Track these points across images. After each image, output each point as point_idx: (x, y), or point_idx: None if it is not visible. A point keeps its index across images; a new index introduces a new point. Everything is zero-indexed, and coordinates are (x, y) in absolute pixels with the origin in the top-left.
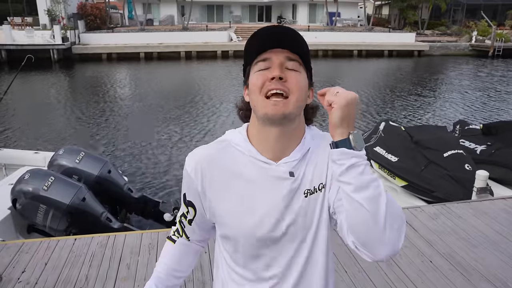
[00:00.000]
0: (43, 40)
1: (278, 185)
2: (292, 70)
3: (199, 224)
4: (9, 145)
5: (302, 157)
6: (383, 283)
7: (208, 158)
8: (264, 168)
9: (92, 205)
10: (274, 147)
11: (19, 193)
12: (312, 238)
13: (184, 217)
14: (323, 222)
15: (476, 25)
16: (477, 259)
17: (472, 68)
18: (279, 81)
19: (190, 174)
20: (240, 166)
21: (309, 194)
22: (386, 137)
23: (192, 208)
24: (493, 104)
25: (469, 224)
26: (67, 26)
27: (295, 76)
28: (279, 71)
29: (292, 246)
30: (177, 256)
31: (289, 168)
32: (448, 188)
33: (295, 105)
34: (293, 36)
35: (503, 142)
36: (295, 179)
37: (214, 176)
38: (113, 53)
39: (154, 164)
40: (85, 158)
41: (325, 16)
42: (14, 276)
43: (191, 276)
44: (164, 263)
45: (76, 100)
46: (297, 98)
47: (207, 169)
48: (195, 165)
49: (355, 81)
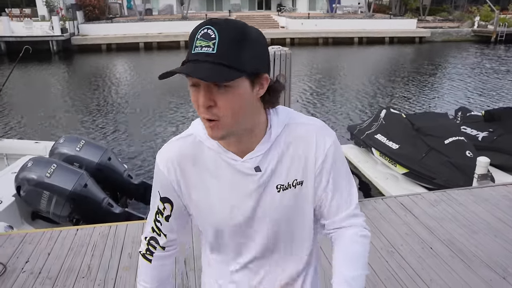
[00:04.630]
0: (42, 32)
1: (246, 180)
2: (222, 89)
3: (177, 219)
4: (10, 136)
5: (270, 148)
6: (384, 271)
7: (178, 154)
8: (231, 164)
9: (94, 191)
10: (237, 145)
11: (23, 180)
12: (289, 231)
13: (160, 215)
14: (302, 216)
15: (478, 10)
16: (477, 246)
17: (474, 54)
18: (207, 109)
19: (163, 171)
20: (208, 161)
21: (282, 189)
22: (387, 124)
23: (168, 204)
24: (495, 91)
25: (470, 210)
26: (65, 17)
27: (225, 98)
28: (204, 100)
29: (265, 236)
30: (157, 275)
31: (254, 163)
32: (449, 175)
33: (232, 124)
34: (223, 44)
35: (505, 129)
36: (263, 173)
37: (186, 171)
38: (113, 44)
39: (153, 152)
40: (86, 146)
41: (325, 3)
42: (18, 266)
43: (193, 265)
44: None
45: (76, 91)
46: (232, 118)
47: (178, 165)
48: (166, 162)
49: (356, 69)
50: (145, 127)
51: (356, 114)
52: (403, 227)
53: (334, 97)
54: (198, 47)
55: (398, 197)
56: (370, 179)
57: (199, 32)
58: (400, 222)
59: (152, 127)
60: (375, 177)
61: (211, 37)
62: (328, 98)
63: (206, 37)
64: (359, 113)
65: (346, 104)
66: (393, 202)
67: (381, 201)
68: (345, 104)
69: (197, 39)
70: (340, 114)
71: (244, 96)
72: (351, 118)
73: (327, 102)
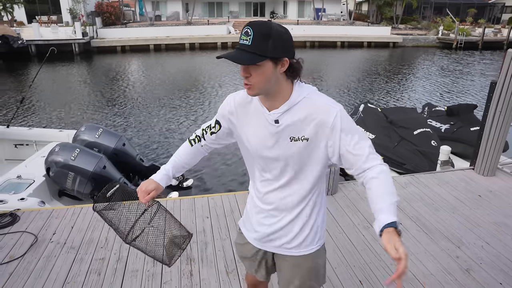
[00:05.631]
0: (66, 35)
1: (269, 127)
2: (254, 67)
3: (217, 137)
4: (38, 125)
5: (289, 109)
6: (361, 243)
7: (238, 99)
8: (263, 114)
9: (111, 172)
10: (268, 103)
11: (52, 163)
12: (296, 167)
13: (209, 128)
14: (306, 160)
15: (442, 21)
16: (439, 221)
17: (439, 58)
18: (245, 78)
19: (225, 106)
20: (253, 109)
21: (293, 140)
22: (365, 117)
23: (218, 125)
24: (456, 89)
25: (434, 191)
26: (86, 23)
27: (255, 71)
28: (244, 73)
29: (279, 166)
30: (191, 154)
31: (275, 117)
32: (417, 161)
33: (258, 87)
34: (255, 39)
35: (463, 122)
36: (280, 125)
37: (239, 111)
38: (127, 46)
39: (162, 138)
40: (104, 133)
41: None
42: (47, 237)
43: (196, 238)
44: (180, 156)
45: (94, 86)
46: (258, 84)
47: (236, 105)
48: (230, 101)
49: (339, 68)
50: (155, 117)
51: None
52: None
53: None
54: (242, 40)
55: None
56: None
57: (243, 29)
58: None
59: (161, 117)
60: None
61: (248, 34)
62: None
63: (246, 34)
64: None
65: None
66: None
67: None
68: None
69: (242, 34)
70: None
71: (268, 72)
72: None
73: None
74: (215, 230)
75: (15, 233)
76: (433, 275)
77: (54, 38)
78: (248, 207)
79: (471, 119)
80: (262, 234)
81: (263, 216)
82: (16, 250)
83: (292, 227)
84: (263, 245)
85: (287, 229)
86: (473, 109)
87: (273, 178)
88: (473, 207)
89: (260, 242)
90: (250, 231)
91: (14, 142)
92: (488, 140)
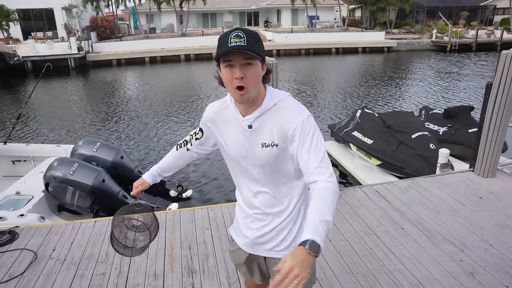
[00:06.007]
0: (61, 51)
1: (243, 132)
2: (248, 65)
3: (201, 143)
4: (35, 141)
5: (261, 115)
6: (363, 249)
7: (215, 108)
8: (238, 120)
9: (110, 185)
10: (243, 109)
11: (50, 178)
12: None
13: (194, 135)
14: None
15: (435, 24)
16: (440, 224)
17: (434, 61)
18: (240, 79)
19: (206, 114)
20: (229, 115)
21: (264, 146)
22: (363, 122)
23: (200, 132)
24: (452, 91)
25: (434, 195)
26: (81, 38)
27: (251, 71)
28: (240, 73)
29: (257, 170)
30: (175, 157)
31: (248, 122)
32: (416, 165)
33: (253, 91)
34: (249, 40)
35: (461, 124)
36: (253, 130)
37: (217, 118)
38: (122, 59)
39: (160, 150)
40: (101, 147)
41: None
42: (47, 253)
43: (197, 250)
44: (166, 158)
45: (91, 100)
46: (254, 86)
47: (214, 114)
48: (208, 110)
49: (334, 75)
50: (151, 130)
51: (335, 114)
52: (378, 211)
53: (316, 100)
54: (233, 42)
55: (373, 186)
56: (348, 170)
57: (231, 34)
58: (375, 207)
59: (157, 130)
60: (353, 168)
61: (240, 37)
62: (310, 101)
63: (238, 37)
64: (337, 113)
65: (326, 106)
66: (369, 190)
67: (358, 189)
68: (325, 106)
69: (231, 38)
70: (321, 115)
71: (260, 73)
72: (331, 118)
73: (309, 104)
74: (216, 241)
75: (14, 251)
76: (437, 279)
77: (49, 53)
78: (236, 214)
79: (469, 120)
80: (252, 238)
81: (251, 221)
82: (16, 268)
83: (280, 230)
84: (254, 250)
85: (275, 232)
86: (470, 111)
87: (254, 183)
88: (475, 209)
89: (250, 246)
90: (240, 236)
91: (12, 159)
92: (487, 142)
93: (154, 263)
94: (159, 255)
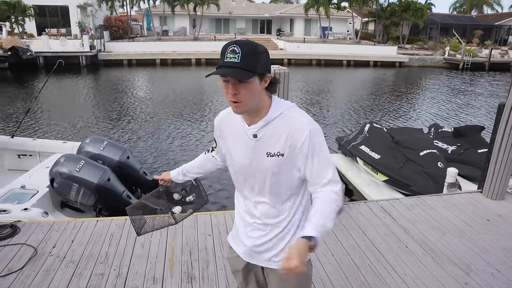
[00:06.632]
0: (74, 48)
1: (249, 141)
2: (243, 84)
3: (217, 151)
4: (43, 136)
5: (266, 124)
6: (365, 265)
7: (222, 118)
8: (244, 129)
9: (115, 184)
10: (248, 118)
11: (56, 173)
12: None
13: (214, 143)
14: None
15: (448, 42)
16: (445, 245)
17: (446, 78)
18: (234, 95)
19: (215, 125)
20: (235, 125)
21: (269, 155)
22: (371, 137)
23: (215, 142)
24: (462, 110)
25: (440, 214)
26: (94, 36)
27: (244, 88)
28: (233, 91)
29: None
30: (203, 160)
31: (253, 131)
32: (423, 183)
33: (247, 105)
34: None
35: (470, 144)
36: (258, 139)
37: (224, 128)
38: (133, 60)
39: (166, 152)
40: (108, 146)
41: (318, 30)
42: (47, 250)
43: (197, 256)
44: (195, 160)
45: (100, 99)
46: (249, 101)
47: (220, 123)
48: (216, 121)
49: (344, 87)
50: (159, 131)
51: (343, 127)
52: (383, 228)
53: (325, 112)
54: (228, 58)
55: (378, 201)
56: (354, 185)
57: (228, 48)
58: (380, 223)
59: (165, 131)
60: (359, 183)
61: (235, 52)
62: (319, 112)
63: (233, 52)
64: (346, 126)
65: (335, 118)
66: (374, 206)
67: (364, 204)
68: (334, 118)
69: (227, 52)
70: (330, 127)
71: (255, 88)
72: (339, 131)
73: (318, 116)
74: (217, 248)
75: (14, 245)
76: None
77: (62, 50)
78: (236, 221)
79: (479, 140)
80: (250, 247)
81: (251, 229)
82: (15, 263)
83: (279, 240)
84: (252, 259)
85: (274, 241)
86: (481, 131)
87: (255, 192)
88: (482, 232)
89: (249, 255)
90: (239, 245)
91: (18, 153)
92: (497, 163)
93: (154, 267)
94: (159, 259)
